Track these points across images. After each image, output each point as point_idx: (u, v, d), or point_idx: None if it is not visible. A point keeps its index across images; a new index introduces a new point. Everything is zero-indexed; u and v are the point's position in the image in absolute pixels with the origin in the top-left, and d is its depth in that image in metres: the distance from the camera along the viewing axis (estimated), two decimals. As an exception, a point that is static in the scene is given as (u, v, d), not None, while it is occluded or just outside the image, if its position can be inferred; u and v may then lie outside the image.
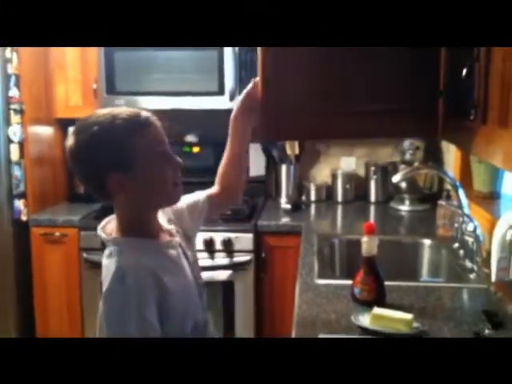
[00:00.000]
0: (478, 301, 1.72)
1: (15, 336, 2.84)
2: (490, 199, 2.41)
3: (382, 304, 1.59)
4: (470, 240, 1.95)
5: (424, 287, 1.82)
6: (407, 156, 3.05)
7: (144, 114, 1.24)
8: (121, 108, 1.25)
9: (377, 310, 1.50)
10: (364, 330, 1.47)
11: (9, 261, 2.82)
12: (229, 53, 2.83)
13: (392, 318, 1.47)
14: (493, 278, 1.76)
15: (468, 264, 1.94)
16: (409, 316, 1.47)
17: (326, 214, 3.11)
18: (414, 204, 3.00)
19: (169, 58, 2.91)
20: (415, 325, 1.46)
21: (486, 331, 1.43)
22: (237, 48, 2.83)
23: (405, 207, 3.00)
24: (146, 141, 1.21)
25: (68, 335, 2.88)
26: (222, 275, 2.72)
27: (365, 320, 1.50)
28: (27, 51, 2.85)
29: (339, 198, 3.20)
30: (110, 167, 1.20)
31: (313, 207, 3.15)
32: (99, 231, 1.30)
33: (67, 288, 2.88)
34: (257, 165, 3.17)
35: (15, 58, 2.77)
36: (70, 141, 1.23)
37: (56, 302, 2.90)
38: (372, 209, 3.12)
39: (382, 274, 1.65)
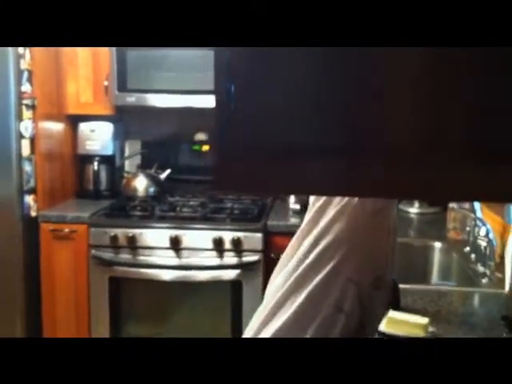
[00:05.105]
0: (492, 306, 1.72)
1: (22, 330, 2.85)
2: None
3: (397, 308, 1.60)
4: (483, 244, 1.96)
5: (436, 291, 1.83)
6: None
7: None
8: None
9: (392, 314, 1.50)
10: (379, 333, 1.47)
11: (18, 256, 2.82)
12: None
13: (408, 322, 1.48)
14: (506, 286, 1.77)
15: (480, 268, 1.95)
16: (425, 320, 1.47)
17: (334, 214, 3.11)
18: (424, 206, 2.99)
19: (180, 57, 2.91)
20: (431, 329, 1.46)
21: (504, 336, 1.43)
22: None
23: (414, 209, 3.00)
24: None
25: (75, 331, 2.89)
26: (231, 274, 2.73)
27: (380, 324, 1.50)
28: (39, 47, 2.85)
29: (348, 199, 3.20)
30: None
31: (321, 208, 3.15)
32: None
33: (75, 284, 2.89)
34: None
35: (28, 53, 2.77)
36: None
37: (64, 297, 2.91)
38: (380, 210, 3.12)
39: (396, 278, 1.65)
